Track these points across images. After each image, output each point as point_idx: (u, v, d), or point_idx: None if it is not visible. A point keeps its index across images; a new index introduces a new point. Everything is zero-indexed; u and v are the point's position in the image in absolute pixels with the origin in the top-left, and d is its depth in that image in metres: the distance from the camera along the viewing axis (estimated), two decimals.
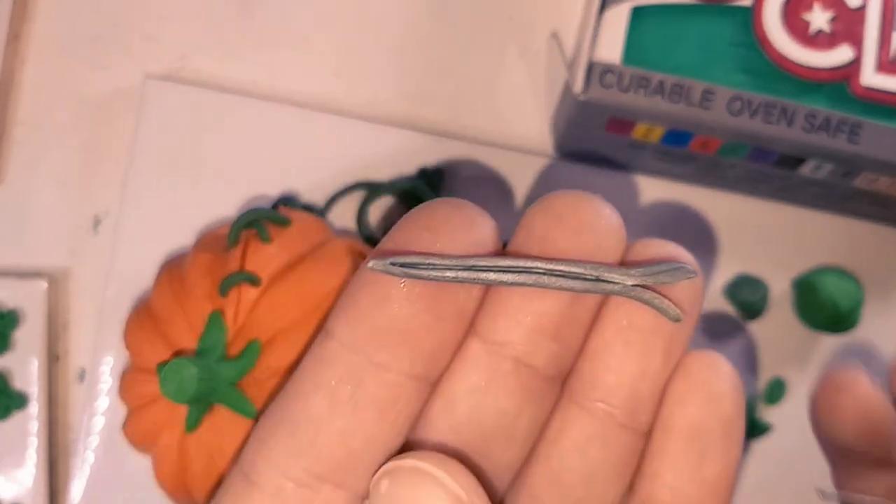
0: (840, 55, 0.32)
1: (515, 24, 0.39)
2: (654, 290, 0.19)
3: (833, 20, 0.32)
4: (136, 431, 0.30)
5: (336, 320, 0.19)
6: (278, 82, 0.38)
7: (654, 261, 0.19)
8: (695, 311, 0.20)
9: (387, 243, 0.18)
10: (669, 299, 0.19)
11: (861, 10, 0.32)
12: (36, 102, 0.38)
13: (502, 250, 0.19)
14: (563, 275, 0.18)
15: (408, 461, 0.18)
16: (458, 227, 0.18)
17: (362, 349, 0.18)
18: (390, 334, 0.18)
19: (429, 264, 0.17)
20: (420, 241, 0.18)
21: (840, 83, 0.32)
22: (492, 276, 0.18)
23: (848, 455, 0.26)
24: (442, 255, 0.18)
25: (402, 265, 0.17)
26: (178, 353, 0.29)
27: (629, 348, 0.19)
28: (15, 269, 0.37)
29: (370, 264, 0.18)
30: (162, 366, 0.28)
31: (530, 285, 0.18)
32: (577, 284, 0.18)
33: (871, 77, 0.32)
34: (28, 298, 0.36)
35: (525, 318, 0.19)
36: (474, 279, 0.18)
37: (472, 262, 0.18)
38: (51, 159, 0.38)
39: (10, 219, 0.37)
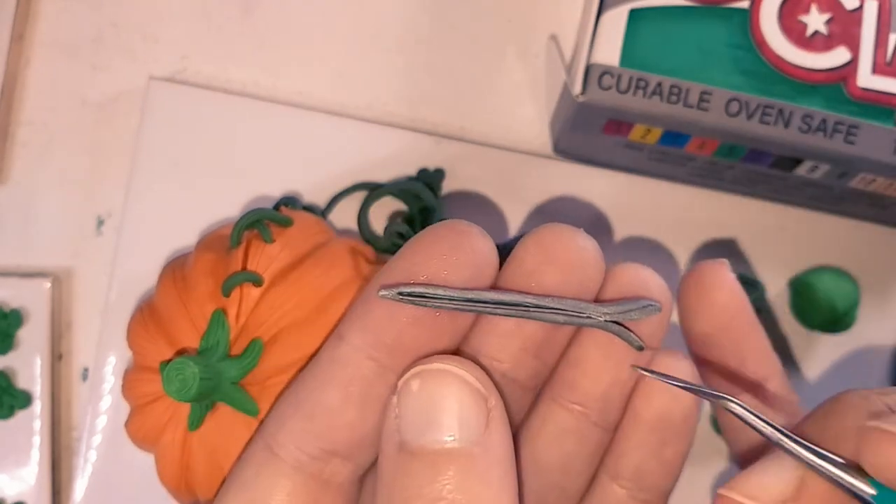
0: (836, 57, 0.32)
1: (515, 26, 0.39)
2: (622, 325, 0.22)
3: (829, 22, 0.32)
4: (139, 430, 0.30)
5: (349, 326, 0.22)
6: (280, 83, 0.38)
7: (629, 293, 0.22)
8: (656, 340, 0.23)
9: (398, 263, 0.21)
10: (634, 332, 0.22)
11: (857, 11, 0.32)
12: (40, 103, 0.38)
13: (496, 284, 0.22)
14: (549, 311, 0.21)
15: (434, 364, 0.20)
16: (463, 259, 0.21)
17: (372, 356, 0.21)
18: (397, 345, 0.21)
19: (433, 295, 0.20)
20: (428, 268, 0.21)
21: (836, 85, 0.32)
22: (487, 308, 0.21)
23: (708, 360, 0.26)
24: (445, 287, 0.20)
25: (410, 294, 0.20)
26: (180, 352, 0.29)
27: (606, 360, 0.23)
28: (19, 268, 0.37)
29: (381, 293, 0.20)
30: (165, 365, 0.28)
31: (519, 317, 0.21)
32: (560, 318, 0.21)
33: (867, 79, 0.32)
34: (32, 298, 0.36)
35: (514, 341, 0.22)
36: (471, 309, 0.21)
37: (470, 294, 0.20)
38: (54, 160, 0.38)
39: (14, 219, 0.37)
